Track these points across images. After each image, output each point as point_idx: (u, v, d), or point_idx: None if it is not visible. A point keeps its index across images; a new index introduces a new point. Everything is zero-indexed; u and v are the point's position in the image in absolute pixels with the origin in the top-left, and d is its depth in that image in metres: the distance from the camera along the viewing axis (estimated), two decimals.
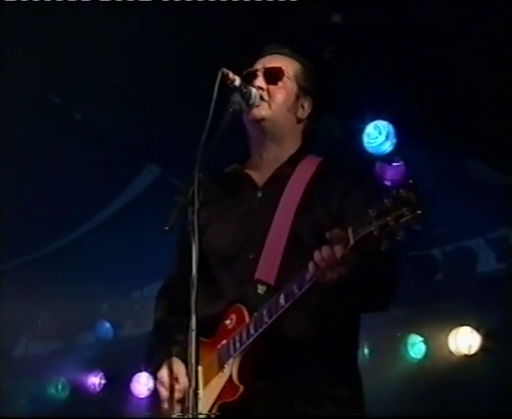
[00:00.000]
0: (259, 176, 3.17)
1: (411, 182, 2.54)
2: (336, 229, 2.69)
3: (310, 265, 2.72)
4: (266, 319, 2.85)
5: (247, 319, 2.93)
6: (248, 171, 3.20)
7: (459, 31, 5.11)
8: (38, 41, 5.46)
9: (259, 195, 3.14)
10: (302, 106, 3.19)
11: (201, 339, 2.73)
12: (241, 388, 2.89)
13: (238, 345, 2.92)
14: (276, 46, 3.25)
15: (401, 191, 2.51)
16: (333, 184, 3.05)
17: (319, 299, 2.87)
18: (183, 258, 3.00)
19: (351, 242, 2.63)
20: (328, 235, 2.68)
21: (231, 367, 2.92)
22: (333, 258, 2.66)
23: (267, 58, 3.21)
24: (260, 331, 2.87)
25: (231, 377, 2.92)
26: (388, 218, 2.52)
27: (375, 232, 2.55)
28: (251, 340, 2.89)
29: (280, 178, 3.13)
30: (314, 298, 2.86)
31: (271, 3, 4.96)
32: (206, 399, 2.91)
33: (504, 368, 6.22)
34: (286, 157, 3.16)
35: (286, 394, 2.93)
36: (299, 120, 3.19)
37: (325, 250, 2.67)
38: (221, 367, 2.95)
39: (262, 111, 3.09)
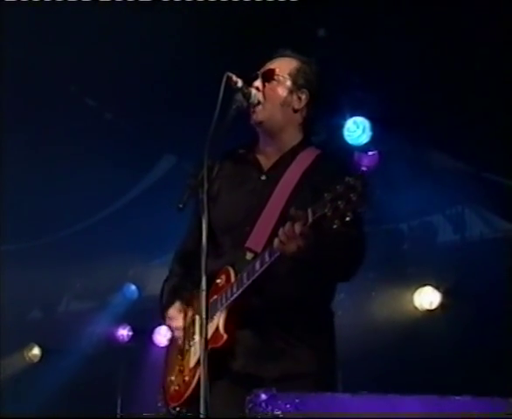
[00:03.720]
0: (265, 161, 3.12)
1: (363, 170, 2.52)
2: (296, 210, 2.66)
3: (275, 239, 2.71)
4: (245, 281, 2.86)
5: (233, 280, 2.92)
6: (257, 155, 3.15)
7: (421, 39, 5.08)
8: (78, 52, 5.40)
9: (263, 178, 3.09)
10: (299, 98, 3.11)
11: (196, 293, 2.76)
12: (225, 336, 2.89)
13: (224, 301, 2.92)
14: (281, 50, 3.19)
15: (350, 179, 2.48)
16: (324, 176, 2.95)
17: (292, 266, 2.85)
18: (192, 222, 3.10)
19: (310, 220, 2.60)
20: (290, 212, 2.67)
21: (219, 319, 2.92)
22: (292, 233, 2.63)
23: (271, 61, 3.17)
24: (241, 290, 2.87)
25: (217, 327, 2.91)
26: (339, 202, 2.49)
27: (328, 213, 2.52)
28: (234, 296, 2.89)
29: (281, 165, 3.07)
30: (287, 266, 2.84)
31: (266, 20, 4.94)
32: (199, 343, 2.89)
33: (458, 319, 6.22)
34: (288, 147, 3.11)
35: (268, 339, 2.92)
36: (295, 111, 3.11)
37: (287, 225, 2.66)
38: (211, 319, 2.92)
39: (259, 115, 3.06)
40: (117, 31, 5.13)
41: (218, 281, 2.97)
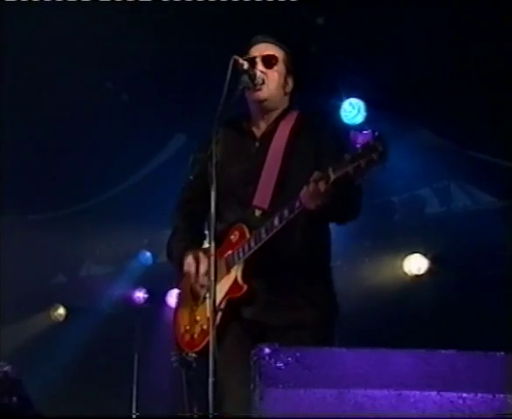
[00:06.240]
0: (257, 131, 3.16)
1: (377, 133, 2.53)
2: (317, 171, 2.69)
3: (301, 196, 2.72)
4: (264, 236, 2.87)
5: (248, 235, 2.94)
6: (250, 125, 3.18)
7: (411, 27, 5.05)
8: (97, 39, 5.37)
9: (257, 144, 3.13)
10: (288, 83, 3.17)
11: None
12: (245, 287, 2.91)
13: (241, 254, 2.94)
14: (263, 36, 3.19)
15: (370, 141, 2.49)
16: (309, 133, 3.07)
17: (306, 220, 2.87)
18: (195, 182, 3.11)
19: (332, 178, 2.62)
20: (312, 177, 2.68)
21: (236, 272, 2.93)
22: (317, 191, 2.64)
23: (261, 45, 3.16)
24: (259, 244, 2.88)
25: (236, 279, 2.92)
26: (361, 161, 2.50)
27: (350, 172, 2.55)
28: (251, 251, 2.90)
29: (270, 132, 3.12)
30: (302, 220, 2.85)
31: (269, 9, 4.90)
32: (217, 295, 2.89)
33: (444, 283, 6.24)
34: (274, 117, 3.16)
35: (276, 290, 2.95)
36: (285, 94, 3.17)
37: (311, 185, 2.67)
38: (228, 271, 2.96)
39: (265, 93, 3.08)
40: (133, 23, 5.15)
41: (232, 237, 2.98)
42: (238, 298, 2.91)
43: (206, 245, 3.03)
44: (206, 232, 3.16)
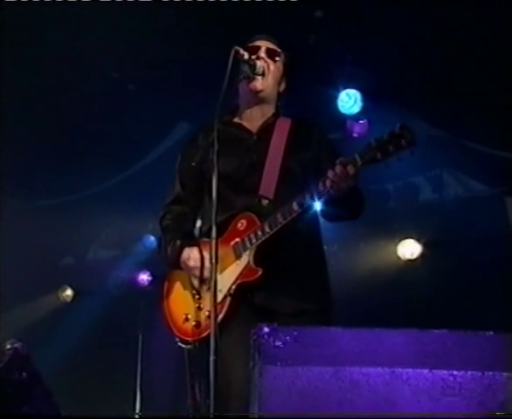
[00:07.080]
0: (251, 125, 3.16)
1: (401, 123, 2.57)
2: (342, 157, 2.73)
3: (327, 179, 2.73)
4: (281, 220, 2.84)
5: (258, 223, 2.90)
6: (240, 121, 3.18)
7: (404, 22, 5.04)
8: (104, 31, 5.34)
9: (255, 138, 3.13)
10: (281, 84, 3.20)
11: (207, 240, 2.73)
12: (260, 270, 2.88)
13: (254, 240, 2.90)
14: (267, 35, 3.21)
15: (397, 129, 2.57)
16: (307, 133, 3.12)
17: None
18: (184, 181, 3.17)
19: (359, 163, 2.66)
20: (337, 161, 2.72)
21: (249, 257, 2.90)
22: (345, 174, 2.67)
23: (265, 41, 3.17)
24: (275, 229, 2.85)
25: (249, 263, 2.89)
26: (390, 147, 2.57)
27: (379, 157, 2.61)
28: (267, 236, 2.88)
29: (267, 127, 3.13)
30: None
31: (270, 3, 4.88)
32: (225, 280, 2.90)
33: (435, 267, 6.26)
34: (268, 115, 3.16)
35: (287, 276, 2.94)
36: (278, 93, 3.19)
37: (338, 168, 2.69)
38: (238, 257, 2.92)
39: (263, 84, 3.08)
40: (139, 17, 5.12)
41: (239, 225, 2.96)
42: (251, 282, 2.88)
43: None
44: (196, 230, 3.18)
